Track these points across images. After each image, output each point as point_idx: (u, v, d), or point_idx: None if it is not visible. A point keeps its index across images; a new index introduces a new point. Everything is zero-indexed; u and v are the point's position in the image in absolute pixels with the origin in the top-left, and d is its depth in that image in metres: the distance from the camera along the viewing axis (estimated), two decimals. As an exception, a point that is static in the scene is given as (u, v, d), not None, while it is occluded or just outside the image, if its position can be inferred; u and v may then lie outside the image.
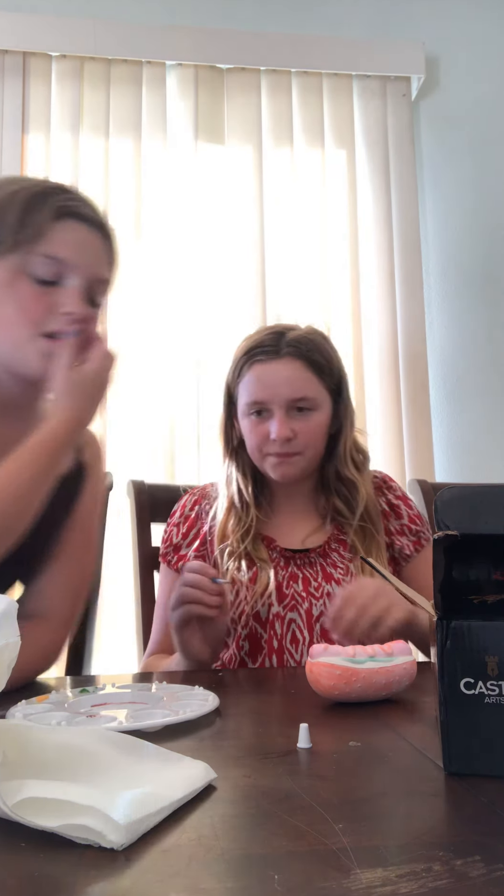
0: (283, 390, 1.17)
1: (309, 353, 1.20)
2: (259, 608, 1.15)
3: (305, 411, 1.18)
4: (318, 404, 1.19)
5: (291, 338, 1.20)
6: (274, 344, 1.20)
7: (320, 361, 1.20)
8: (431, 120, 2.47)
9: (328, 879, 0.37)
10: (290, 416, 1.18)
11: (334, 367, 1.23)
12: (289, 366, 1.18)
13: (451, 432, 2.36)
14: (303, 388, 1.18)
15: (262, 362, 1.19)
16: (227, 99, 2.34)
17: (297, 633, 1.14)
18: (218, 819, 0.46)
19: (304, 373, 1.19)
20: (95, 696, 0.78)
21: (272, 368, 1.18)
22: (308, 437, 1.18)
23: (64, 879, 0.38)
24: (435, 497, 0.55)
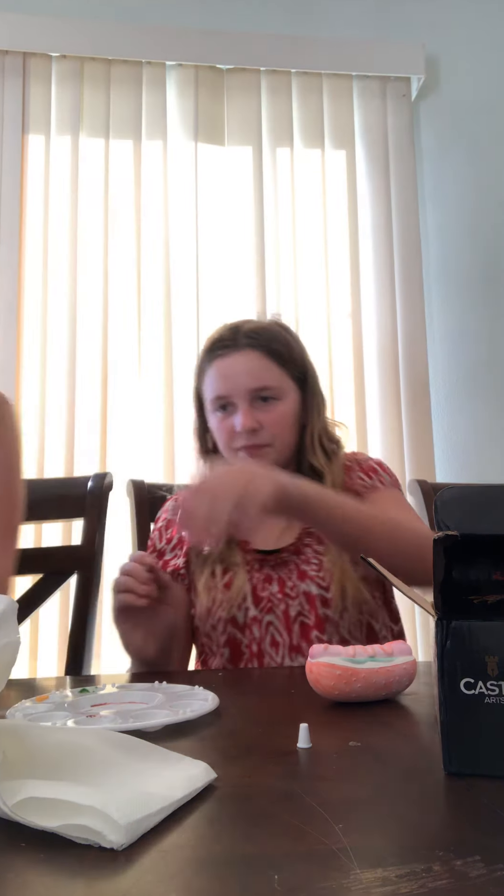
0: (243, 381, 1.16)
1: (267, 342, 1.19)
2: (235, 613, 1.13)
3: (270, 401, 1.17)
4: (282, 393, 1.18)
5: (248, 329, 1.20)
6: (231, 337, 1.19)
7: (280, 350, 1.19)
8: (431, 120, 2.47)
9: (328, 879, 0.37)
10: (254, 408, 1.16)
11: (296, 356, 1.22)
12: (247, 356, 1.17)
13: (451, 432, 2.36)
14: (263, 377, 1.17)
15: (220, 357, 1.19)
16: (227, 99, 2.35)
17: (275, 635, 1.13)
18: (218, 819, 0.46)
19: (264, 362, 1.18)
20: (95, 696, 0.78)
21: (231, 361, 1.18)
22: (275, 428, 1.17)
23: (64, 879, 0.38)
24: (435, 497, 0.55)
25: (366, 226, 2.36)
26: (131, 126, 2.28)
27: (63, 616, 1.96)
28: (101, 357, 2.16)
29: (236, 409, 1.17)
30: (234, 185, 2.32)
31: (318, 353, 2.28)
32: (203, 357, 1.22)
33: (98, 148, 2.26)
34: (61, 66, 2.26)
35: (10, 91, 2.23)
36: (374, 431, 2.28)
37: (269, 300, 2.27)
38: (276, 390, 1.17)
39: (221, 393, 1.17)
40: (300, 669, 0.82)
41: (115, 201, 2.25)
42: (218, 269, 2.28)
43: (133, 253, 2.22)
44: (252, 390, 1.16)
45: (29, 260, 2.20)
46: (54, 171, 2.23)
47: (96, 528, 1.38)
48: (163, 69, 2.32)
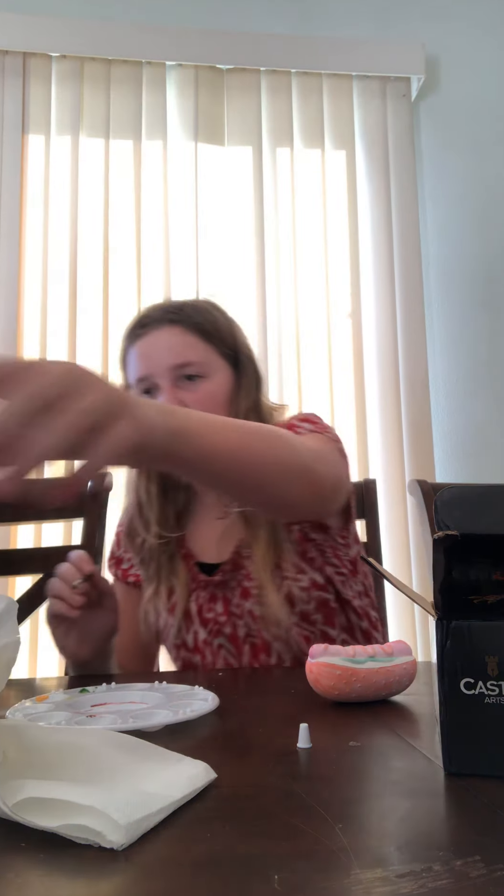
0: (163, 358, 1.06)
1: (189, 316, 1.10)
2: (185, 637, 1.09)
3: (196, 379, 1.07)
4: (208, 371, 1.08)
5: (167, 306, 1.12)
6: (147, 315, 1.11)
7: (204, 325, 1.10)
8: (431, 120, 2.47)
9: (328, 879, 0.37)
10: (179, 387, 1.06)
11: (224, 332, 1.12)
12: (170, 331, 1.08)
13: (451, 432, 2.36)
14: (185, 353, 1.07)
15: (140, 336, 1.09)
16: (227, 99, 2.35)
17: (228, 658, 1.09)
18: (218, 819, 0.46)
19: (186, 337, 1.08)
20: (95, 696, 0.78)
21: (151, 339, 1.08)
22: (201, 407, 1.03)
23: (64, 879, 0.38)
24: (435, 497, 0.55)
25: (366, 226, 2.36)
26: (131, 126, 2.28)
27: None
28: (102, 357, 2.16)
29: (161, 391, 1.06)
30: (234, 185, 2.32)
31: (318, 353, 2.28)
32: (124, 341, 1.13)
33: (98, 148, 2.26)
34: (61, 66, 2.26)
35: (10, 91, 2.23)
36: (374, 431, 2.28)
37: (269, 300, 2.27)
38: (201, 367, 1.07)
39: (142, 374, 1.07)
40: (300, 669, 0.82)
41: (115, 201, 2.25)
42: (218, 270, 2.28)
43: (133, 253, 2.22)
44: (174, 367, 1.06)
45: (29, 260, 2.20)
46: (54, 171, 2.23)
47: (96, 528, 1.38)
48: (163, 69, 2.32)
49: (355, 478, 2.14)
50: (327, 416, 2.24)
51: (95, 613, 0.97)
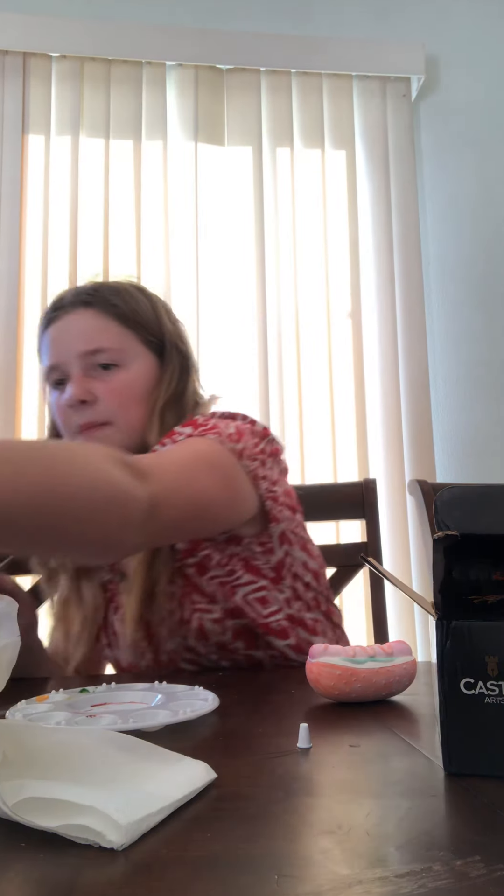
0: (74, 344, 0.97)
1: (106, 299, 1.00)
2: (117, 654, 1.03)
3: (111, 368, 0.97)
4: (125, 359, 0.98)
5: (84, 288, 1.02)
6: (61, 298, 1.02)
7: (122, 307, 1.00)
8: (431, 120, 2.47)
9: (328, 879, 0.37)
10: (90, 376, 0.97)
11: (146, 317, 1.02)
12: (83, 315, 0.99)
13: (451, 432, 2.36)
14: (97, 339, 0.97)
15: (53, 321, 1.00)
16: (226, 99, 2.35)
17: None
18: (218, 819, 0.46)
19: (100, 321, 0.98)
20: (95, 695, 0.78)
21: (63, 323, 0.99)
22: (114, 400, 0.96)
23: (64, 879, 0.38)
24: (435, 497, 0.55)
25: (366, 226, 2.36)
26: (131, 126, 2.28)
27: (63, 616, 1.96)
28: (101, 357, 2.16)
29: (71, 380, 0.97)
30: (234, 185, 2.32)
31: (318, 353, 2.28)
32: (39, 328, 1.03)
33: (98, 148, 2.26)
34: (61, 66, 2.26)
35: (10, 91, 2.23)
36: (374, 431, 2.28)
37: (269, 300, 2.27)
38: (116, 354, 0.98)
39: (53, 361, 0.98)
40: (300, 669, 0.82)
41: (115, 201, 2.25)
42: (218, 270, 2.28)
43: (133, 253, 2.23)
44: (85, 353, 0.97)
45: (29, 260, 2.20)
46: (54, 171, 2.23)
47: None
48: (163, 69, 2.32)
49: (355, 477, 2.16)
50: (327, 416, 2.24)
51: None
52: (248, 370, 2.23)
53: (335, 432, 2.25)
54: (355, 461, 2.23)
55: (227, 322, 2.24)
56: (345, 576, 1.39)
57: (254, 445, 0.93)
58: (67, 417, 0.97)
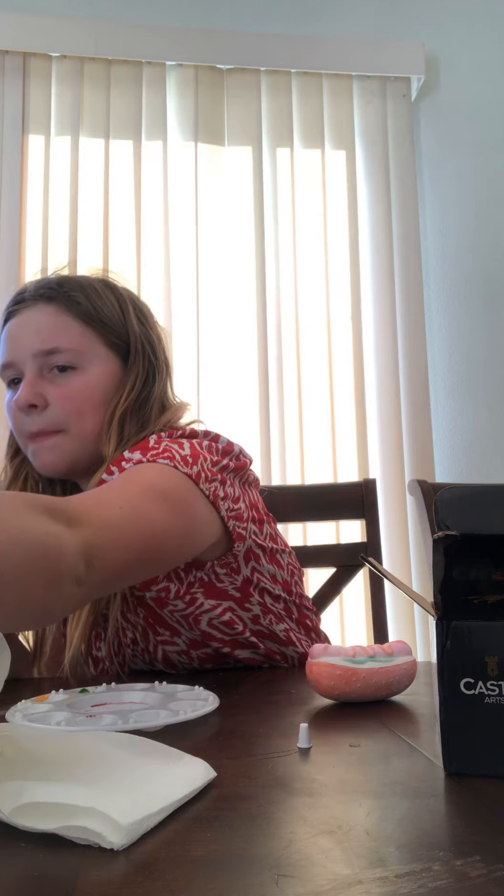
0: (29, 342, 0.90)
1: (68, 295, 0.92)
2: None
3: (67, 371, 0.90)
4: (83, 361, 0.91)
5: (47, 281, 0.95)
6: (26, 291, 0.94)
7: (85, 306, 0.93)
8: (431, 120, 2.48)
9: (328, 879, 0.37)
10: (45, 378, 0.90)
11: (111, 316, 0.95)
12: (40, 311, 0.91)
13: (451, 432, 2.36)
14: (55, 338, 0.90)
15: (13, 315, 0.94)
16: (227, 99, 2.35)
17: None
18: (218, 819, 0.46)
19: (60, 318, 0.91)
20: (95, 696, 0.78)
21: (22, 318, 0.92)
22: (68, 405, 0.89)
23: (64, 879, 0.38)
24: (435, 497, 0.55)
25: (365, 226, 2.36)
26: (131, 126, 2.28)
27: (63, 616, 1.96)
28: (101, 357, 2.16)
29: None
30: (234, 185, 2.32)
31: (318, 353, 2.28)
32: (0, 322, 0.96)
33: (98, 148, 2.26)
34: (61, 66, 2.26)
35: (10, 91, 2.23)
36: (374, 431, 2.28)
37: (269, 300, 2.27)
38: (74, 355, 0.90)
39: (8, 359, 0.92)
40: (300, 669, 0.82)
41: (115, 201, 2.25)
42: (218, 270, 2.28)
43: (133, 253, 2.23)
44: (39, 353, 0.89)
45: (29, 260, 2.20)
46: (54, 171, 2.23)
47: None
48: (163, 69, 2.32)
49: (355, 478, 2.16)
50: (327, 416, 2.24)
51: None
52: (247, 370, 2.23)
53: (335, 432, 2.25)
54: (355, 461, 2.23)
55: (227, 322, 2.25)
56: (345, 576, 1.39)
57: (212, 464, 0.86)
58: (19, 421, 0.92)
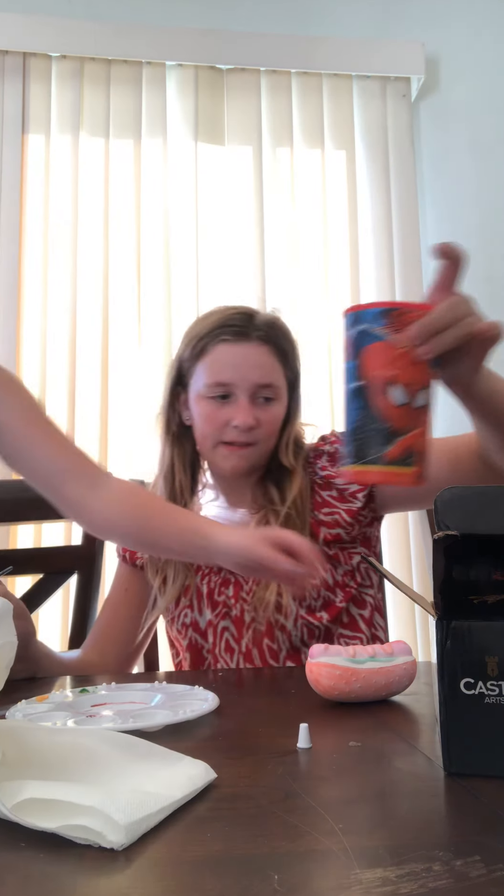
0: (251, 374, 1.10)
1: (277, 339, 1.14)
2: (197, 617, 1.11)
3: (269, 401, 1.12)
4: (279, 394, 1.13)
5: (261, 321, 1.14)
6: (243, 324, 1.12)
7: (286, 350, 1.15)
8: (431, 120, 2.47)
9: (328, 879, 0.37)
10: (253, 404, 1.10)
11: (296, 358, 1.18)
12: (258, 349, 1.11)
13: (451, 432, 2.35)
14: (269, 375, 1.11)
15: (229, 342, 1.11)
16: (226, 99, 2.35)
17: (230, 641, 1.10)
18: (218, 819, 0.46)
19: (271, 359, 1.12)
20: (95, 696, 0.78)
21: (241, 350, 1.11)
22: (268, 428, 1.11)
23: (64, 879, 0.38)
24: (435, 497, 0.55)
25: (366, 226, 2.36)
26: (131, 126, 2.28)
27: (63, 616, 1.96)
28: (102, 357, 2.16)
29: (233, 401, 1.10)
30: (234, 185, 2.32)
31: (318, 352, 2.28)
32: (207, 335, 1.13)
33: (98, 148, 2.26)
34: (61, 66, 2.26)
35: (10, 91, 2.23)
36: (374, 431, 2.28)
37: (270, 300, 2.26)
38: (276, 390, 1.13)
39: (226, 380, 1.10)
40: (300, 669, 0.82)
41: (115, 201, 2.24)
42: (218, 270, 2.28)
43: (133, 253, 2.22)
44: (258, 386, 1.10)
45: (29, 260, 2.20)
46: (54, 171, 2.23)
47: (96, 528, 1.37)
48: (163, 69, 2.31)
49: (355, 478, 2.15)
50: (327, 416, 2.24)
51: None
52: (248, 370, 2.22)
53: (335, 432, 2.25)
54: (355, 461, 2.23)
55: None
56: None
57: None
58: (220, 428, 1.11)
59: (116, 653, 1.16)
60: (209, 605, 1.11)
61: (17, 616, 0.93)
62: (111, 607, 1.20)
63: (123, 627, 1.18)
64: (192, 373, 1.15)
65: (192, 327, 1.18)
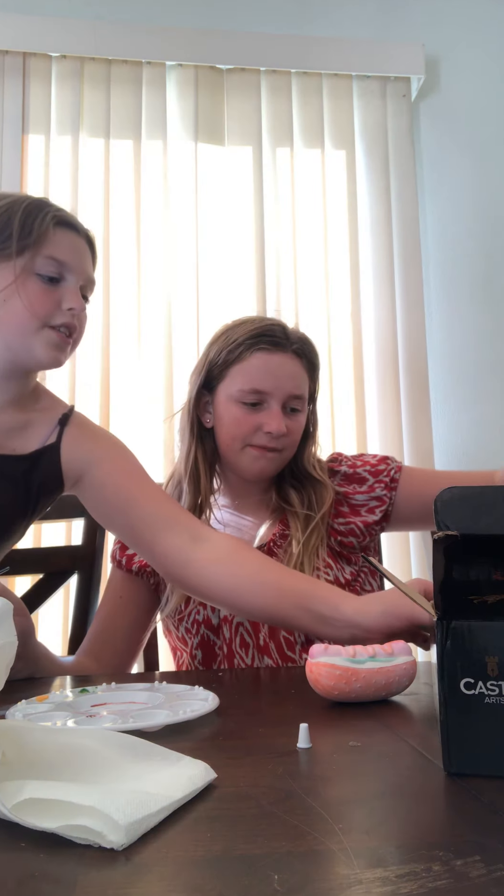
0: (287, 385, 1.17)
1: (308, 353, 1.22)
2: (209, 615, 1.13)
3: (295, 412, 1.19)
4: (304, 406, 1.21)
5: (295, 335, 1.22)
6: (283, 336, 1.19)
7: (315, 365, 1.24)
8: (431, 120, 2.47)
9: (328, 879, 0.37)
10: (284, 413, 1.17)
11: (318, 373, 1.26)
12: (294, 361, 1.19)
13: (451, 432, 2.36)
14: (301, 387, 1.19)
15: (268, 351, 1.17)
16: (226, 99, 2.35)
17: (245, 636, 1.12)
18: (218, 819, 0.46)
19: (302, 372, 1.20)
20: (95, 696, 0.78)
21: (279, 360, 1.17)
22: (294, 437, 1.19)
23: (64, 879, 0.38)
24: (435, 497, 0.55)
25: (366, 226, 2.36)
26: (131, 126, 2.28)
27: (63, 616, 1.96)
28: (102, 357, 2.16)
29: (265, 407, 1.16)
30: (234, 185, 2.31)
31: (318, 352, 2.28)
32: (245, 341, 1.18)
33: (98, 148, 2.26)
34: (61, 66, 2.26)
35: (10, 91, 2.23)
36: (374, 431, 2.28)
37: (269, 300, 2.26)
38: (303, 402, 1.20)
39: (263, 388, 1.16)
40: (300, 669, 0.83)
41: (115, 201, 2.24)
42: (218, 270, 2.28)
43: (133, 253, 2.22)
44: (291, 396, 1.17)
45: (29, 260, 2.20)
46: (54, 171, 2.23)
47: (96, 527, 1.38)
48: (163, 69, 2.31)
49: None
50: (327, 416, 2.24)
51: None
52: (248, 370, 2.22)
53: (335, 432, 2.25)
54: (355, 461, 2.23)
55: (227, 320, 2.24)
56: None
57: None
58: (250, 432, 1.16)
59: (113, 658, 1.17)
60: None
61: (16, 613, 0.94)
62: (106, 613, 1.21)
63: (119, 633, 1.18)
64: (223, 376, 1.19)
65: (226, 332, 1.22)
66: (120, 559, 1.22)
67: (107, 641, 1.17)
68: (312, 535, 1.16)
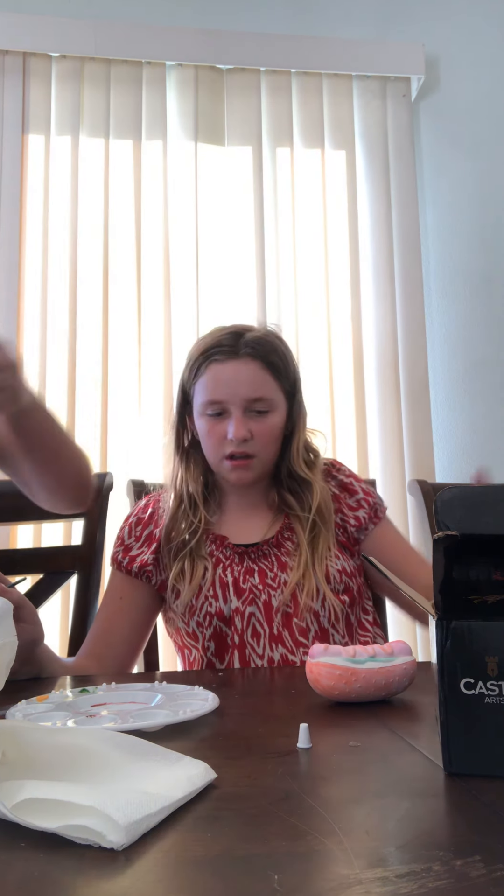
0: (240, 390, 1.17)
1: (266, 354, 1.20)
2: (221, 606, 1.15)
3: (263, 413, 1.18)
4: (274, 406, 1.19)
5: (249, 338, 1.20)
6: (232, 344, 1.19)
7: (277, 363, 1.21)
8: (431, 120, 2.47)
9: (328, 879, 0.37)
10: (247, 417, 1.17)
11: (290, 369, 1.23)
12: (247, 366, 1.18)
13: (451, 432, 2.36)
14: (260, 389, 1.18)
15: (219, 362, 1.18)
16: (226, 99, 2.35)
17: (257, 626, 1.14)
18: (218, 819, 0.46)
19: (261, 374, 1.18)
20: (95, 696, 0.78)
21: (230, 368, 1.18)
22: (264, 439, 1.18)
23: (64, 879, 0.38)
24: (435, 497, 0.55)
25: (366, 226, 2.36)
26: (131, 126, 2.28)
27: (63, 616, 1.96)
28: (102, 357, 2.16)
29: (229, 415, 1.17)
30: (234, 185, 2.32)
31: (318, 353, 2.28)
32: (198, 357, 1.21)
33: (98, 148, 2.26)
34: (61, 66, 2.26)
35: (10, 91, 2.23)
36: (374, 431, 2.28)
37: (269, 300, 2.27)
38: (269, 403, 1.18)
39: (217, 398, 1.17)
40: (300, 669, 0.83)
41: (115, 201, 2.25)
42: (218, 270, 2.28)
43: (133, 253, 2.23)
44: (248, 400, 1.17)
45: (29, 260, 2.20)
46: (54, 171, 2.23)
47: (96, 527, 1.38)
48: (163, 69, 2.32)
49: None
50: (327, 416, 2.24)
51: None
52: (248, 370, 2.22)
53: (335, 432, 2.25)
54: (355, 461, 2.23)
55: (227, 322, 2.24)
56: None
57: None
58: (218, 443, 1.18)
59: (114, 660, 1.17)
60: (235, 594, 1.15)
61: (28, 621, 0.95)
62: (106, 615, 1.21)
63: (120, 635, 1.18)
64: (192, 393, 1.22)
65: (191, 350, 1.25)
66: (121, 561, 1.22)
67: (108, 643, 1.18)
68: (315, 533, 1.19)
